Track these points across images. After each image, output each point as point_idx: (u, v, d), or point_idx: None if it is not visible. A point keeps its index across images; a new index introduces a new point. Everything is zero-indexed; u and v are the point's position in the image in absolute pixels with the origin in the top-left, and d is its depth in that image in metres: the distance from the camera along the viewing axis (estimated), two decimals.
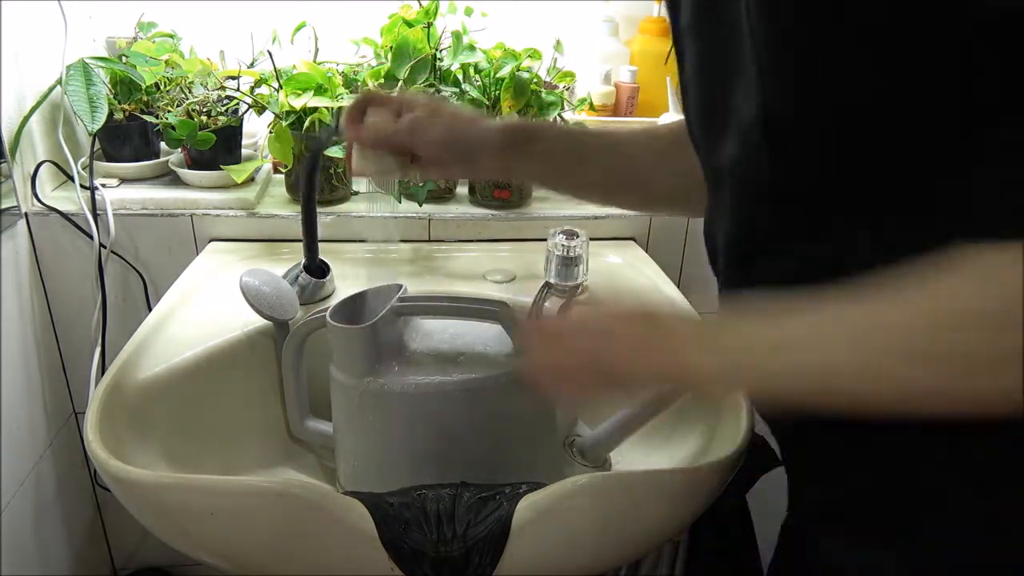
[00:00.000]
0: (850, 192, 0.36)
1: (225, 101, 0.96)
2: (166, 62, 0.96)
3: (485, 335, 0.67)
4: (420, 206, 0.97)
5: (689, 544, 0.87)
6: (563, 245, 0.84)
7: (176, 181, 1.00)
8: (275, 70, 0.90)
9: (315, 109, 0.90)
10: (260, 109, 0.94)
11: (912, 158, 0.33)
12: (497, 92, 0.94)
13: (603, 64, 1.11)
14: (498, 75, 0.93)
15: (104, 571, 1.15)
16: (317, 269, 0.83)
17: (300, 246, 0.95)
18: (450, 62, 0.94)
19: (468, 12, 0.97)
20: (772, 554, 0.52)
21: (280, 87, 0.90)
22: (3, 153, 0.86)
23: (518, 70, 0.92)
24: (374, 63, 0.99)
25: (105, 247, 0.93)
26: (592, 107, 1.07)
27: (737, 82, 0.39)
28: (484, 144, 0.58)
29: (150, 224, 0.95)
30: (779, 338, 0.35)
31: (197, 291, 0.84)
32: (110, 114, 0.92)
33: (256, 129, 1.09)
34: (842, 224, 0.36)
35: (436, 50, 0.93)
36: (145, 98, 0.97)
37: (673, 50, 0.49)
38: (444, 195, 1.04)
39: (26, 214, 0.92)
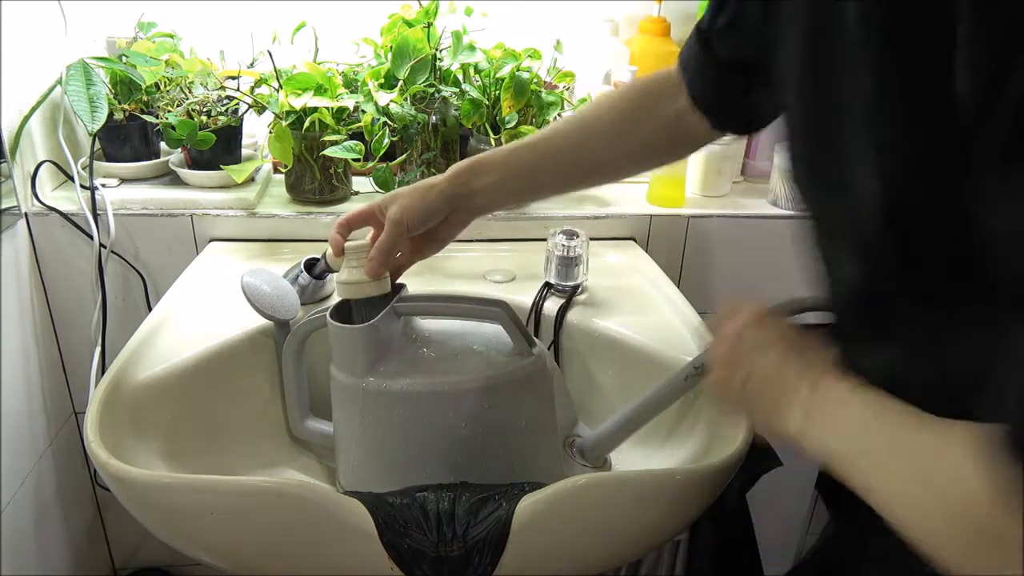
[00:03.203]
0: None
1: (225, 101, 0.96)
2: (166, 62, 0.96)
3: (485, 335, 0.67)
4: None
5: (689, 544, 0.87)
6: (563, 245, 0.84)
7: (176, 181, 1.00)
8: (275, 70, 0.90)
9: (315, 109, 0.90)
10: (260, 109, 0.94)
11: None
12: (497, 92, 0.94)
13: (603, 64, 1.11)
14: (498, 75, 0.93)
15: (104, 571, 1.15)
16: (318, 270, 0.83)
17: (300, 246, 0.95)
18: (450, 62, 0.94)
19: (468, 12, 0.97)
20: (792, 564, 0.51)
21: (280, 87, 0.90)
22: (3, 153, 0.86)
23: (518, 70, 0.92)
24: (374, 63, 0.99)
25: (105, 247, 0.93)
26: None
27: (847, 152, 0.38)
28: (451, 191, 0.63)
29: (150, 224, 0.95)
30: (858, 447, 0.39)
31: (197, 291, 0.84)
32: (110, 114, 0.92)
33: (256, 129, 1.09)
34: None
35: (436, 50, 0.93)
36: (145, 98, 0.97)
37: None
38: None
39: (26, 214, 0.92)
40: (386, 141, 0.89)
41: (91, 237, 0.91)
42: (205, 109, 0.94)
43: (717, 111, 0.61)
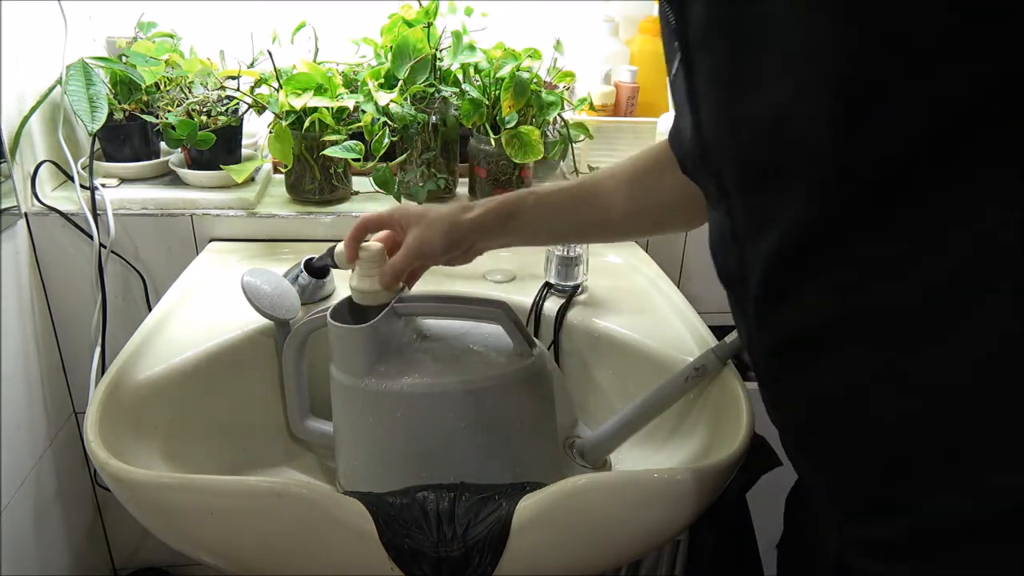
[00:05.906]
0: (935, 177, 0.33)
1: (225, 101, 0.96)
2: (166, 62, 0.96)
3: (485, 335, 0.67)
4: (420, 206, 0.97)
5: (689, 544, 0.87)
6: (563, 245, 0.84)
7: (176, 181, 1.00)
8: (275, 70, 0.90)
9: (315, 109, 0.90)
10: (260, 109, 0.94)
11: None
12: (497, 92, 0.94)
13: (603, 64, 1.11)
14: (498, 75, 0.93)
15: (104, 571, 1.15)
16: (318, 269, 0.83)
17: (300, 246, 0.95)
18: (450, 62, 0.94)
19: (468, 12, 0.97)
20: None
21: (280, 87, 0.90)
22: (3, 153, 0.86)
23: (518, 70, 0.92)
24: (374, 63, 0.99)
25: (105, 247, 0.93)
26: (592, 107, 1.07)
27: (769, 84, 0.37)
28: (476, 232, 0.65)
29: (150, 224, 0.95)
30: None
31: (197, 291, 0.84)
32: (110, 114, 0.92)
33: (256, 129, 1.10)
34: (921, 217, 0.35)
35: (436, 50, 0.93)
36: (145, 98, 0.97)
37: (674, 68, 0.47)
38: (444, 195, 1.04)
39: (26, 214, 0.92)
40: (386, 141, 0.89)
41: (91, 237, 0.91)
42: (205, 109, 0.94)
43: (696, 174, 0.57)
